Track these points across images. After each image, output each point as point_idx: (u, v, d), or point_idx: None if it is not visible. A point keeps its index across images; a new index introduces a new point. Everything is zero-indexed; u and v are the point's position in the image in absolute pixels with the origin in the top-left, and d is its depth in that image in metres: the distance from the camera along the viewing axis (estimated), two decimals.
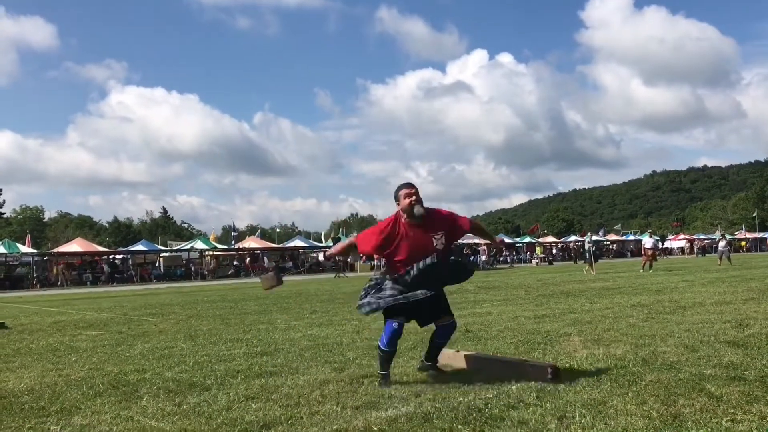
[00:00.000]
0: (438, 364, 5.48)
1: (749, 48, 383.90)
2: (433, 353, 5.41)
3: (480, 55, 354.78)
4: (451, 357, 5.74)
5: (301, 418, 4.13)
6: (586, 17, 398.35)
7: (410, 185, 5.16)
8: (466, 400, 4.37)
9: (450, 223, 5.25)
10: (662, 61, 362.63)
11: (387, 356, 5.16)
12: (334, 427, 3.86)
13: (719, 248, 30.35)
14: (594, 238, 31.40)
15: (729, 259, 29.34)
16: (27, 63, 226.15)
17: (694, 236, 77.95)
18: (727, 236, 36.96)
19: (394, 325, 5.07)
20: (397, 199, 5.17)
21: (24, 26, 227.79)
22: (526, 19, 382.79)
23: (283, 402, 4.59)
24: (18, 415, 4.58)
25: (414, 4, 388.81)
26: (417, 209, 5.05)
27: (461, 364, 5.63)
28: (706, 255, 58.99)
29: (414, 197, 5.06)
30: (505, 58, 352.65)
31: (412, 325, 5.48)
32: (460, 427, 3.77)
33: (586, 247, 27.20)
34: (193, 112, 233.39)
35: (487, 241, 6.12)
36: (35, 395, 5.25)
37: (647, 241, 26.95)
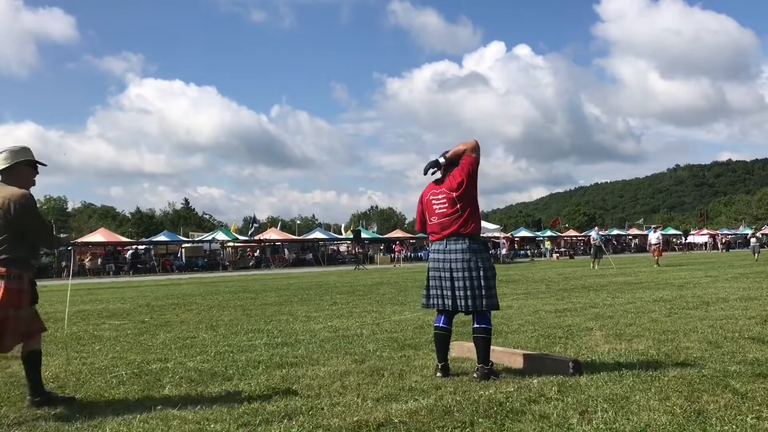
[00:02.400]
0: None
1: None
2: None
3: (497, 47, 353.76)
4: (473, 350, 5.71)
5: (322, 409, 4.14)
6: (602, 11, 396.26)
7: None
8: (487, 393, 4.36)
9: None
10: (680, 54, 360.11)
11: None
12: (355, 419, 3.87)
13: (751, 244, 30.63)
14: (601, 233, 30.77)
15: (757, 254, 29.26)
16: (46, 55, 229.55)
17: (718, 231, 77.01)
18: (759, 234, 36.76)
19: None
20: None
21: (43, 18, 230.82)
22: (541, 13, 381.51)
23: (304, 393, 4.61)
24: None
25: None
26: None
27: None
28: (730, 250, 58.30)
29: None
30: (523, 50, 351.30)
31: (430, 318, 5.46)
32: (480, 420, 3.77)
33: (595, 242, 26.50)
34: (212, 104, 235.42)
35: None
36: (60, 383, 5.33)
37: (652, 236, 26.99)
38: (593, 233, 28.12)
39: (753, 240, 31.24)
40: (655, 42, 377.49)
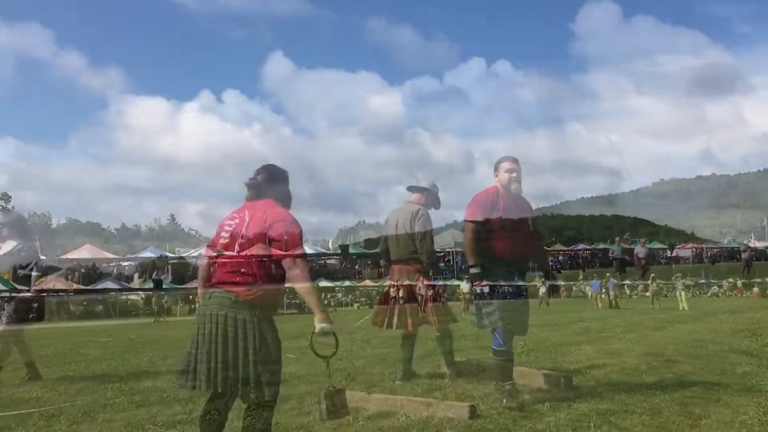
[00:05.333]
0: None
1: (743, 55, 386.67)
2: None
3: (477, 63, 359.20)
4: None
5: (312, 427, 4.10)
6: (576, 28, 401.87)
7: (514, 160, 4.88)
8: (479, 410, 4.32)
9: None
10: (654, 70, 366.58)
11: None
12: None
13: (743, 258, 30.23)
14: (623, 245, 28.98)
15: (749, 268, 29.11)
16: (26, 71, 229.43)
17: (703, 245, 77.60)
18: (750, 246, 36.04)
19: None
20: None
21: (22, 33, 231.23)
22: (516, 30, 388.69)
23: (294, 410, 4.56)
24: (28, 422, 4.57)
25: (402, 14, 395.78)
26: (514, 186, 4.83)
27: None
28: (716, 264, 58.67)
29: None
30: (503, 66, 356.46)
31: (423, 333, 5.44)
32: None
33: (617, 254, 24.83)
34: (195, 120, 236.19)
35: None
36: (44, 402, 5.24)
37: (639, 251, 26.71)
38: (614, 246, 27.04)
39: (745, 254, 30.55)
40: (630, 58, 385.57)
